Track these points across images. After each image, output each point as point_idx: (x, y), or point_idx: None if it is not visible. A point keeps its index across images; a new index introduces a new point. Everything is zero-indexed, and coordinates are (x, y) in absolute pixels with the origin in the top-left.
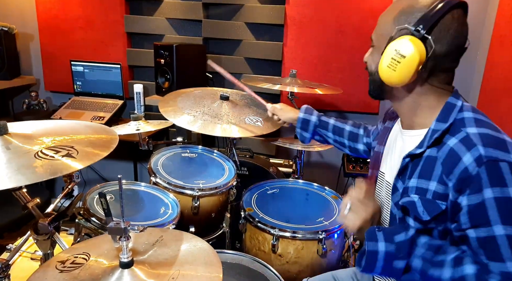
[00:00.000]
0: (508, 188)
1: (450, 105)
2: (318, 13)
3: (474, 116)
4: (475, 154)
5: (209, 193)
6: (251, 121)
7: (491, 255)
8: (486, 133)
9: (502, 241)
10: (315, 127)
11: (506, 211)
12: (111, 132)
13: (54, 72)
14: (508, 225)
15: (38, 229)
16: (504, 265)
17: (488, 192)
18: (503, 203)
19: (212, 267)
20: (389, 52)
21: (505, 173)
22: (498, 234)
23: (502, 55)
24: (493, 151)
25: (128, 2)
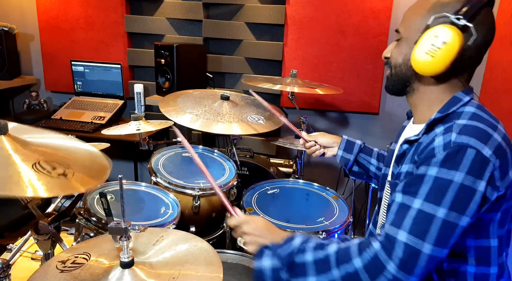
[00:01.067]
0: (456, 171)
1: (456, 99)
2: (319, 13)
3: (474, 111)
4: (446, 138)
5: (209, 192)
6: (253, 119)
7: (394, 222)
8: (472, 125)
9: (412, 213)
10: (360, 150)
11: (437, 190)
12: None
13: (54, 72)
14: (428, 202)
15: (39, 229)
16: (396, 231)
17: (434, 170)
18: (439, 183)
19: (212, 267)
20: (427, 39)
21: (465, 158)
22: (414, 206)
23: (502, 55)
24: (467, 138)
25: (128, 2)
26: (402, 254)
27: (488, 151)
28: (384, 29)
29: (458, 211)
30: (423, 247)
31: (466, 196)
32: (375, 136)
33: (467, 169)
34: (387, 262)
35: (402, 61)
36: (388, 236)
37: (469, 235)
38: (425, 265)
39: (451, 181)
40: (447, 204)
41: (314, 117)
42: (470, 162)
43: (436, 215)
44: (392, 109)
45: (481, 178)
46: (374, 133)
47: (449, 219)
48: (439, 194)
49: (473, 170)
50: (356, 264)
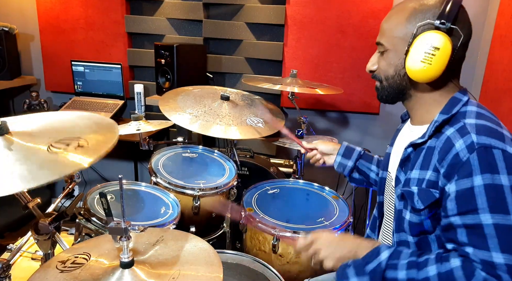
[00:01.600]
0: (499, 175)
1: (455, 99)
2: (319, 13)
3: (477, 110)
4: (467, 140)
5: (209, 193)
6: (252, 122)
7: (476, 243)
8: (483, 124)
9: (489, 231)
10: (359, 156)
11: (496, 198)
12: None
13: (54, 72)
14: (496, 213)
15: (39, 229)
16: (489, 254)
17: (478, 179)
18: (493, 191)
19: (212, 267)
20: (419, 48)
21: (497, 160)
22: (485, 222)
23: (502, 55)
24: (487, 138)
25: (128, 2)
26: (510, 277)
27: (511, 149)
28: None
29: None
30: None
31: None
32: (375, 137)
33: (506, 170)
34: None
35: (394, 72)
36: (484, 261)
37: None
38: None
39: (501, 185)
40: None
41: (314, 117)
42: (504, 162)
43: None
44: (392, 110)
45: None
46: (374, 134)
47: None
48: (499, 201)
49: (510, 168)
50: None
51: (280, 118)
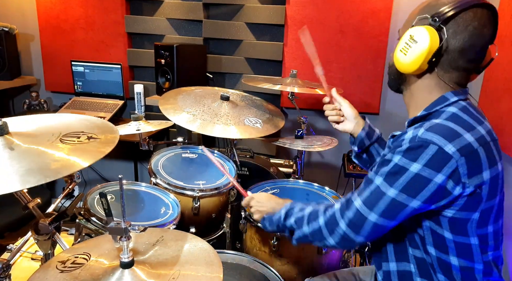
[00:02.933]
0: (413, 163)
1: (442, 98)
2: (319, 14)
3: (454, 112)
4: (415, 132)
5: (209, 193)
6: (250, 122)
7: (358, 191)
8: (443, 124)
9: (371, 187)
10: (377, 139)
11: (394, 174)
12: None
13: (54, 73)
14: (385, 181)
15: (39, 229)
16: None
17: (397, 157)
18: (397, 169)
19: (212, 267)
20: (404, 38)
21: (425, 153)
22: (375, 182)
23: (502, 56)
24: (432, 135)
25: (128, 2)
26: (352, 216)
27: (451, 148)
28: (384, 29)
29: (408, 194)
30: (370, 215)
31: (418, 183)
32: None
33: (425, 162)
34: (340, 220)
35: (391, 61)
36: (348, 200)
37: (446, 229)
38: (370, 229)
39: (407, 169)
40: (398, 187)
41: (314, 118)
42: (430, 156)
43: (387, 193)
44: (392, 109)
45: (439, 171)
46: None
47: (398, 199)
48: (394, 177)
49: (431, 163)
50: (320, 222)
51: (278, 118)
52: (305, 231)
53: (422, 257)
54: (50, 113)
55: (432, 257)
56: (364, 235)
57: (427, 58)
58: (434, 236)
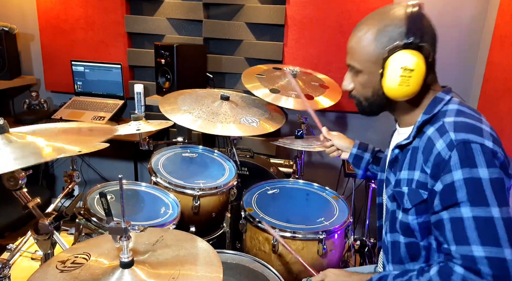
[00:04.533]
0: (477, 169)
1: (437, 99)
2: (319, 13)
3: (457, 108)
4: (447, 139)
5: (209, 192)
6: (246, 121)
7: (458, 238)
8: (461, 121)
9: (469, 223)
10: (367, 164)
11: (474, 191)
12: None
13: (54, 72)
14: (475, 206)
15: (39, 229)
16: (469, 248)
17: (458, 173)
18: (471, 184)
19: (212, 267)
20: (394, 72)
21: (475, 154)
22: (465, 216)
23: (502, 56)
24: (465, 135)
25: (128, 2)
26: (491, 270)
27: (489, 143)
28: None
29: (504, 204)
30: (503, 253)
31: (499, 187)
32: (375, 137)
33: (485, 163)
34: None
35: (372, 93)
36: (464, 256)
37: None
38: None
39: (479, 178)
40: (493, 201)
41: None
42: (483, 156)
43: (493, 216)
44: None
45: (496, 166)
46: (374, 134)
47: (504, 215)
48: (478, 194)
49: (489, 162)
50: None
51: (278, 118)
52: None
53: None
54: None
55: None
56: None
57: (424, 77)
58: None
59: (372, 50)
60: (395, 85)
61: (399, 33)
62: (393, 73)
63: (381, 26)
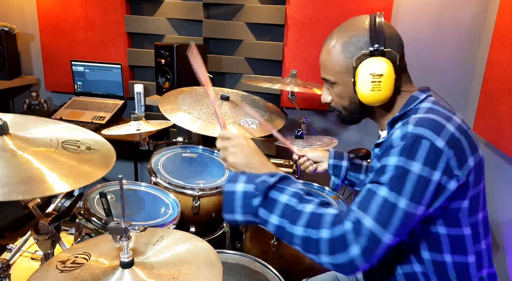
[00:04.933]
0: (413, 162)
1: (413, 98)
2: (319, 14)
3: (430, 106)
4: (404, 130)
5: (209, 192)
6: (245, 123)
7: (362, 205)
8: (426, 117)
9: (378, 201)
10: (346, 171)
11: (398, 179)
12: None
13: (54, 72)
14: (391, 191)
15: (39, 229)
16: (364, 216)
17: (394, 159)
18: (400, 172)
19: (212, 267)
20: (365, 79)
21: (420, 149)
22: (380, 193)
23: (502, 56)
24: (421, 129)
25: (128, 2)
26: (366, 241)
27: (441, 142)
28: None
29: (416, 201)
30: (384, 236)
31: (423, 186)
32: (374, 137)
33: (423, 160)
34: (353, 243)
35: (349, 102)
36: (357, 219)
37: (440, 224)
38: (381, 253)
39: (408, 170)
40: (407, 195)
41: (314, 117)
42: (426, 153)
43: (398, 205)
44: None
45: (436, 168)
46: (374, 134)
47: (409, 210)
48: (399, 182)
49: (428, 160)
50: (323, 235)
51: (278, 118)
52: (297, 231)
53: (412, 272)
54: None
55: (426, 264)
56: (371, 262)
57: (394, 80)
58: (428, 236)
59: (342, 61)
60: (368, 91)
61: (364, 42)
62: (364, 80)
63: (347, 38)
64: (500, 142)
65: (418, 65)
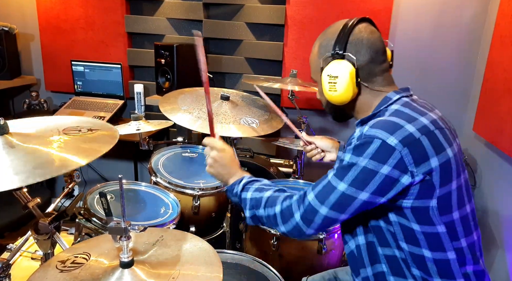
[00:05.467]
0: (360, 157)
1: (386, 99)
2: (319, 13)
3: (397, 108)
4: (361, 130)
5: (209, 192)
6: (246, 122)
7: (313, 186)
8: (385, 120)
9: (324, 182)
10: None
11: (343, 170)
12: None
13: (54, 72)
14: (336, 176)
15: (39, 229)
16: (310, 192)
17: (348, 156)
18: (348, 164)
19: (212, 267)
20: (324, 79)
21: (370, 147)
22: (328, 176)
23: (502, 56)
24: (375, 130)
25: (128, 2)
26: (305, 209)
27: (393, 140)
28: (384, 29)
29: (356, 187)
30: (321, 208)
31: (365, 176)
32: None
33: (370, 156)
34: (296, 212)
35: (325, 100)
36: (305, 194)
37: (412, 221)
38: (321, 221)
39: (354, 163)
40: (347, 180)
41: (314, 117)
42: (375, 150)
43: (337, 187)
44: None
45: (384, 162)
46: None
47: (347, 192)
48: (343, 172)
49: (376, 156)
50: (276, 210)
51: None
52: (261, 213)
53: (393, 255)
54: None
55: (405, 252)
56: (314, 227)
57: (353, 82)
58: (403, 230)
59: (315, 61)
60: (326, 91)
61: (331, 45)
62: (324, 81)
63: (322, 40)
64: (500, 142)
65: (418, 65)
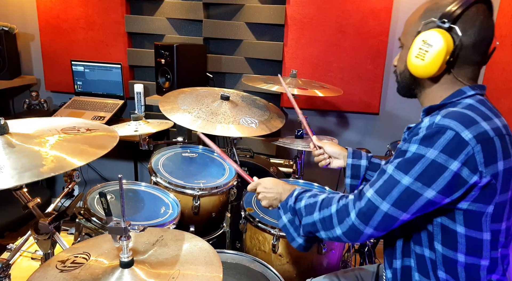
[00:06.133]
0: (430, 149)
1: (460, 92)
2: (319, 13)
3: (471, 103)
4: (432, 120)
5: (209, 192)
6: (245, 122)
7: (372, 181)
8: (460, 111)
9: (385, 176)
10: (366, 170)
11: (409, 163)
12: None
13: (54, 72)
14: (398, 169)
15: (39, 229)
16: (368, 188)
17: (414, 147)
18: (414, 158)
19: (212, 267)
20: (416, 44)
21: (442, 138)
22: (388, 170)
23: (502, 55)
24: (449, 121)
25: (128, 2)
26: (362, 206)
27: (468, 134)
28: (384, 29)
29: (423, 182)
30: (382, 204)
31: (434, 170)
32: (375, 137)
33: (442, 148)
34: (351, 210)
35: (403, 68)
36: (361, 191)
37: (459, 223)
38: (381, 219)
39: (423, 155)
40: (414, 174)
41: (314, 117)
42: (447, 142)
43: (401, 181)
44: (392, 110)
45: (455, 158)
46: (374, 134)
47: (412, 187)
48: (409, 165)
49: (448, 149)
50: (332, 209)
51: (278, 118)
52: (315, 217)
53: (421, 254)
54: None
55: (437, 254)
56: (373, 225)
57: (445, 59)
58: (444, 232)
59: (415, 25)
60: (412, 57)
61: (440, 12)
62: (415, 45)
63: (431, 4)
64: None
65: None
